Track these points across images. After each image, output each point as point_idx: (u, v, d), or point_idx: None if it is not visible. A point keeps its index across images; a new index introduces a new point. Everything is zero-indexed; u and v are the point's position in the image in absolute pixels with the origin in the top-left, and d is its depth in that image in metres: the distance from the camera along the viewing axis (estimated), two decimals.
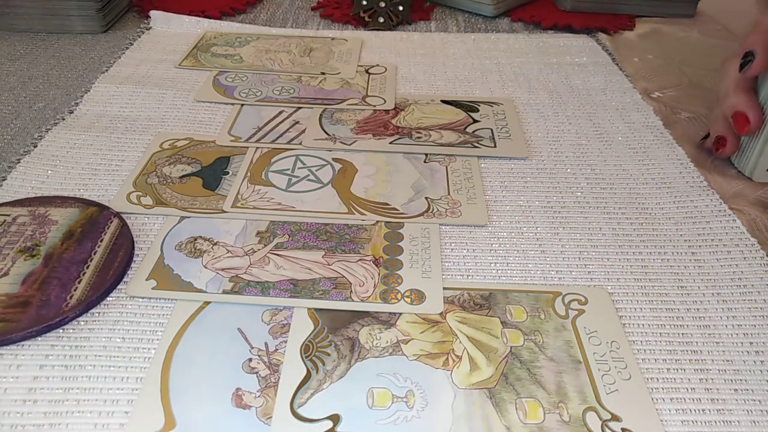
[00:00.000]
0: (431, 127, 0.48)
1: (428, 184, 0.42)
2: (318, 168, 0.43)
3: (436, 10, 0.72)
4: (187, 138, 0.46)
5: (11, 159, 0.43)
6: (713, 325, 0.32)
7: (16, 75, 0.55)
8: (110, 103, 0.50)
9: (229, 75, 0.55)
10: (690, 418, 0.28)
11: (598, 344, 0.31)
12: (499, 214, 0.40)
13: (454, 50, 0.61)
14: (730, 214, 0.39)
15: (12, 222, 0.37)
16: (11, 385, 0.29)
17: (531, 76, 0.56)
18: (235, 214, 0.39)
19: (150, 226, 0.38)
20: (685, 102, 0.54)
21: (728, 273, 0.35)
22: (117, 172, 0.42)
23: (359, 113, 0.50)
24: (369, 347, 0.31)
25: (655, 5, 0.69)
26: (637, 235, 0.38)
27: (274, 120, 0.49)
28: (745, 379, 0.30)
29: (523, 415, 0.28)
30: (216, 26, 0.65)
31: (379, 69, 0.57)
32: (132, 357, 0.30)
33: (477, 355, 0.30)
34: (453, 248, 0.37)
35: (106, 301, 0.33)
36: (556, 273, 0.35)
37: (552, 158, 0.45)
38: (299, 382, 0.29)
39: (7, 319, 0.31)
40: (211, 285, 0.34)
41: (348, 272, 0.35)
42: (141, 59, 0.58)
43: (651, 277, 0.35)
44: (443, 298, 0.33)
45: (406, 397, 0.28)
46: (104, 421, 0.27)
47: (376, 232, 0.38)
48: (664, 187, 0.42)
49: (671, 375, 0.30)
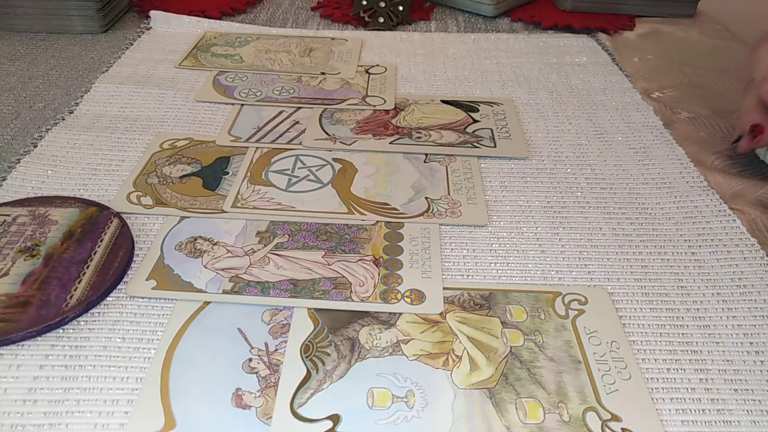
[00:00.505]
0: (431, 127, 0.48)
1: (428, 184, 0.42)
2: (318, 168, 0.43)
3: (436, 10, 0.72)
4: (187, 138, 0.46)
5: (11, 159, 0.43)
6: (713, 325, 0.32)
7: (16, 75, 0.55)
8: (110, 103, 0.50)
9: (229, 75, 0.55)
10: (690, 418, 0.28)
11: (598, 344, 0.31)
12: (499, 214, 0.40)
13: (454, 50, 0.61)
14: (730, 214, 0.39)
15: (12, 222, 0.37)
16: (11, 385, 0.29)
17: (531, 76, 0.56)
18: (235, 214, 0.39)
19: (150, 226, 0.38)
20: (685, 102, 0.54)
21: (728, 273, 0.35)
22: (117, 172, 0.42)
23: (359, 113, 0.50)
24: (369, 347, 0.31)
25: (655, 5, 0.69)
26: (637, 235, 0.38)
27: (274, 120, 0.49)
28: (745, 379, 0.30)
29: (523, 415, 0.28)
30: (216, 26, 0.65)
31: (379, 69, 0.57)
32: (132, 357, 0.30)
33: (477, 355, 0.30)
34: (453, 248, 0.37)
35: (106, 301, 0.33)
36: (556, 273, 0.35)
37: (552, 158, 0.45)
38: (299, 382, 0.29)
39: (7, 319, 0.31)
40: (211, 285, 0.34)
41: (348, 272, 0.35)
42: (141, 59, 0.58)
43: (651, 277, 0.35)
44: (443, 298, 0.33)
45: (406, 397, 0.28)
46: (104, 421, 0.27)
47: (376, 232, 0.38)
48: (664, 187, 0.42)
49: (671, 375, 0.30)
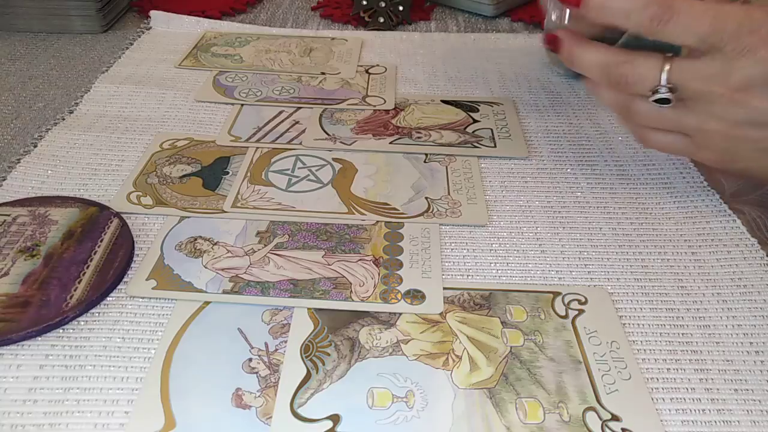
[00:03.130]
0: (431, 127, 0.48)
1: (428, 184, 0.42)
2: (318, 168, 0.43)
3: (436, 10, 0.72)
4: (187, 138, 0.46)
5: (11, 159, 0.43)
6: (713, 325, 0.32)
7: (16, 75, 0.55)
8: (110, 103, 0.50)
9: (229, 75, 0.55)
10: (690, 418, 0.28)
11: (598, 344, 0.31)
12: (499, 214, 0.40)
13: (454, 50, 0.61)
14: (730, 214, 0.39)
15: (12, 222, 0.37)
16: (11, 385, 0.29)
17: (531, 76, 0.56)
18: (235, 214, 0.39)
19: (150, 226, 0.38)
20: None
21: (728, 273, 0.35)
22: (117, 172, 0.42)
23: (359, 113, 0.50)
24: (369, 347, 0.31)
25: None
26: (637, 235, 0.38)
27: (274, 120, 0.49)
28: (745, 379, 0.30)
29: (523, 415, 0.28)
30: (216, 26, 0.65)
31: (379, 69, 0.57)
32: (132, 357, 0.30)
33: (477, 355, 0.30)
34: (453, 248, 0.37)
35: (106, 301, 0.33)
36: (556, 273, 0.35)
37: (552, 158, 0.45)
38: (299, 382, 0.29)
39: (7, 319, 0.31)
40: (211, 285, 0.34)
41: (348, 272, 0.35)
42: (141, 59, 0.58)
43: (651, 277, 0.35)
44: (443, 298, 0.33)
45: (406, 397, 0.28)
46: (104, 421, 0.27)
47: (376, 232, 0.38)
48: (664, 187, 0.42)
49: (671, 375, 0.30)
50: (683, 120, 0.35)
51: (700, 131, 0.35)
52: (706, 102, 0.33)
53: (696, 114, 0.34)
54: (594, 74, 0.37)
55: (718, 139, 0.35)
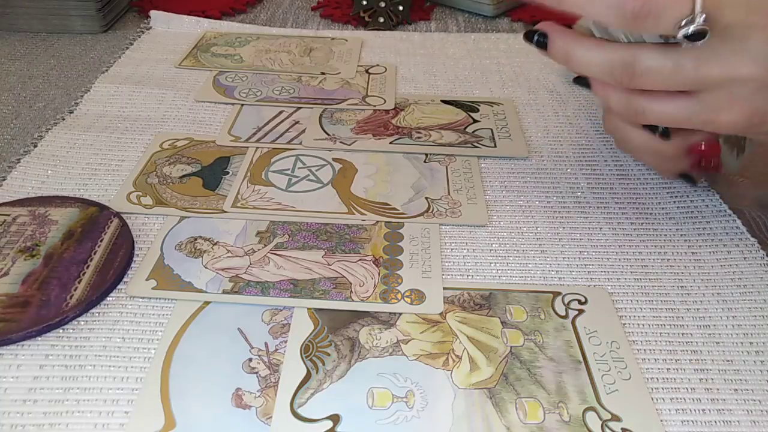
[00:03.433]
0: (431, 127, 0.48)
1: (428, 184, 0.42)
2: (318, 168, 0.43)
3: (436, 10, 0.72)
4: (187, 138, 0.46)
5: (11, 159, 0.43)
6: (713, 325, 0.32)
7: (16, 75, 0.55)
8: (110, 103, 0.50)
9: (229, 75, 0.55)
10: (690, 418, 0.28)
11: (598, 344, 0.31)
12: (499, 214, 0.40)
13: (454, 50, 0.61)
14: (730, 214, 0.39)
15: (12, 222, 0.37)
16: (11, 385, 0.29)
17: (531, 76, 0.56)
18: (235, 214, 0.39)
19: (150, 226, 0.38)
20: None
21: (728, 273, 0.35)
22: (117, 172, 0.42)
23: (359, 113, 0.50)
24: (369, 347, 0.31)
25: None
26: (637, 235, 0.38)
27: (274, 120, 0.49)
28: (745, 379, 0.30)
29: (523, 415, 0.28)
30: (216, 26, 0.65)
31: (379, 69, 0.57)
32: (132, 357, 0.30)
33: (477, 355, 0.30)
34: (453, 248, 0.37)
35: (106, 301, 0.33)
36: (556, 273, 0.35)
37: (552, 158, 0.45)
38: (299, 382, 0.29)
39: (7, 319, 0.31)
40: (211, 285, 0.34)
41: (348, 272, 0.35)
42: (141, 59, 0.58)
43: (651, 277, 0.35)
44: (443, 298, 0.33)
45: (406, 397, 0.28)
46: (104, 421, 0.27)
47: (376, 232, 0.38)
48: (664, 187, 0.42)
49: (671, 375, 0.30)
50: (704, 69, 0.28)
51: (726, 82, 0.28)
52: (739, 38, 0.27)
53: (725, 58, 0.27)
54: (606, 17, 0.29)
55: (748, 92, 0.28)
